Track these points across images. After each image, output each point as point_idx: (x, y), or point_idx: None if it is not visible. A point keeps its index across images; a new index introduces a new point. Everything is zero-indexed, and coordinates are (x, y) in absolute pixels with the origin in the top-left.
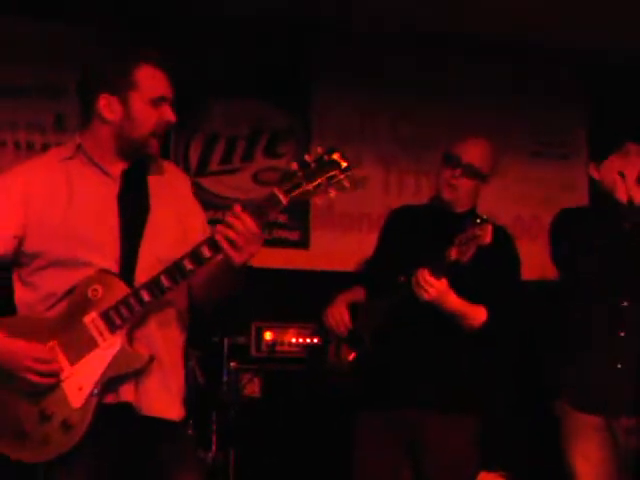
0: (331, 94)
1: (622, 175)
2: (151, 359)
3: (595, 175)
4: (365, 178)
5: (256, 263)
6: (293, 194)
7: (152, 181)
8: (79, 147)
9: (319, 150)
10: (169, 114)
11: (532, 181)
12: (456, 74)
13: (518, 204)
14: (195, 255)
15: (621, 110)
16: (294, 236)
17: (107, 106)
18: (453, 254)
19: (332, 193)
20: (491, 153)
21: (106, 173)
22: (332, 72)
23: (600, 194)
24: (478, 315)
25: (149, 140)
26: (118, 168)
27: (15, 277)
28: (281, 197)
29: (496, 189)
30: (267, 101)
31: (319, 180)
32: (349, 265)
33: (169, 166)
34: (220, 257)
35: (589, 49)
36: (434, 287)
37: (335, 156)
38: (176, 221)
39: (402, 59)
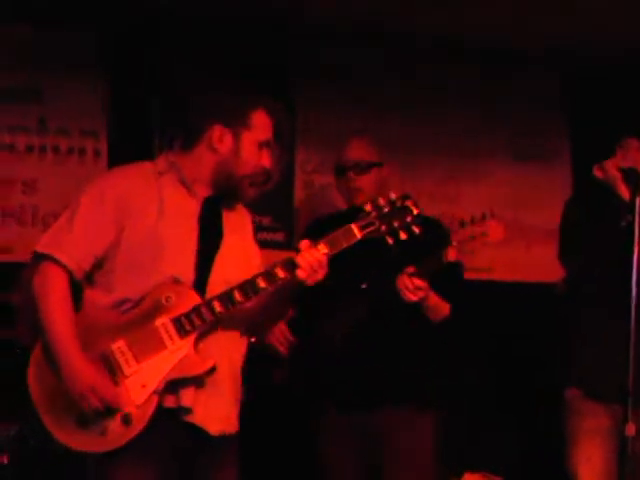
0: (315, 98)
1: (622, 172)
2: (213, 368)
3: (599, 174)
4: None
5: None
6: (367, 231)
7: (225, 213)
8: (173, 165)
9: (393, 195)
10: (267, 159)
11: (514, 183)
12: (438, 76)
13: (500, 206)
14: (269, 275)
15: (602, 113)
16: (279, 237)
17: (219, 137)
18: (451, 255)
19: (403, 236)
20: (371, 143)
21: (192, 194)
22: (315, 76)
23: (606, 193)
24: (446, 307)
25: (245, 180)
26: (203, 193)
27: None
28: (356, 232)
29: (478, 192)
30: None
31: (392, 223)
32: None
33: (240, 205)
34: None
35: (571, 52)
36: (422, 289)
37: (408, 203)
38: (242, 255)
39: (384, 62)
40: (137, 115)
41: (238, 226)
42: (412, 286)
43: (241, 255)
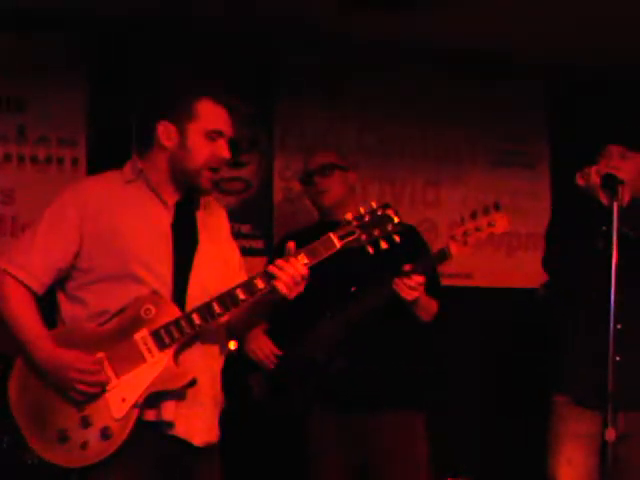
0: (295, 104)
1: (601, 178)
2: (193, 381)
3: (580, 182)
4: None
5: None
6: (346, 240)
7: (199, 215)
8: (141, 172)
9: (373, 204)
10: (223, 150)
11: (494, 189)
12: (422, 84)
13: None
14: (248, 286)
15: (584, 119)
16: (258, 244)
17: (165, 133)
18: (453, 249)
19: (384, 245)
20: (335, 151)
21: (163, 201)
22: (296, 82)
23: (588, 200)
24: (434, 304)
25: (201, 172)
26: (173, 198)
27: (59, 291)
28: (335, 241)
29: (458, 197)
30: (230, 111)
31: (372, 232)
32: None
33: (213, 202)
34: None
35: (554, 60)
36: (422, 285)
37: (389, 211)
38: (219, 256)
39: (366, 69)
40: (115, 124)
41: (213, 227)
42: (415, 283)
43: (218, 259)
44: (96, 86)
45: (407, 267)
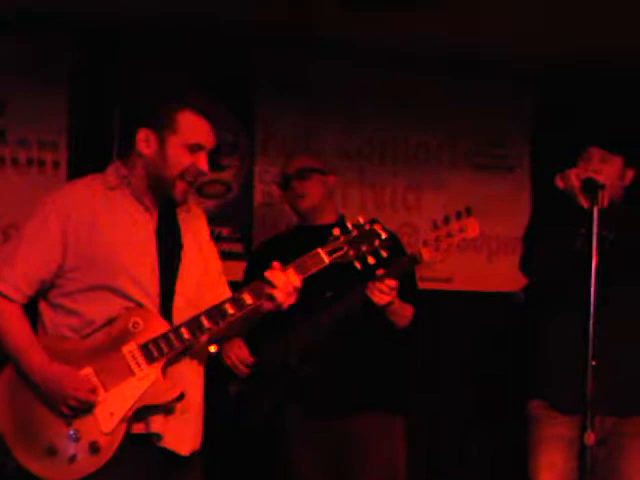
0: (276, 108)
1: (581, 182)
2: (181, 395)
3: (560, 185)
4: None
5: None
6: (335, 256)
7: (181, 217)
8: (124, 178)
9: (361, 219)
10: (202, 163)
11: (475, 193)
12: (400, 88)
13: None
14: (237, 301)
15: (564, 123)
16: (238, 248)
17: (144, 140)
18: (426, 254)
19: (371, 260)
20: (311, 155)
21: (147, 208)
22: (277, 86)
23: (567, 203)
24: (409, 310)
25: (176, 182)
26: (155, 204)
27: (40, 299)
28: (324, 257)
29: (439, 201)
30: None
31: (360, 248)
32: None
33: (192, 204)
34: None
35: (533, 64)
36: (395, 290)
37: (376, 227)
38: (201, 261)
39: (346, 73)
40: (97, 126)
41: (194, 229)
42: (387, 288)
43: (201, 264)
44: (78, 89)
45: (379, 272)
